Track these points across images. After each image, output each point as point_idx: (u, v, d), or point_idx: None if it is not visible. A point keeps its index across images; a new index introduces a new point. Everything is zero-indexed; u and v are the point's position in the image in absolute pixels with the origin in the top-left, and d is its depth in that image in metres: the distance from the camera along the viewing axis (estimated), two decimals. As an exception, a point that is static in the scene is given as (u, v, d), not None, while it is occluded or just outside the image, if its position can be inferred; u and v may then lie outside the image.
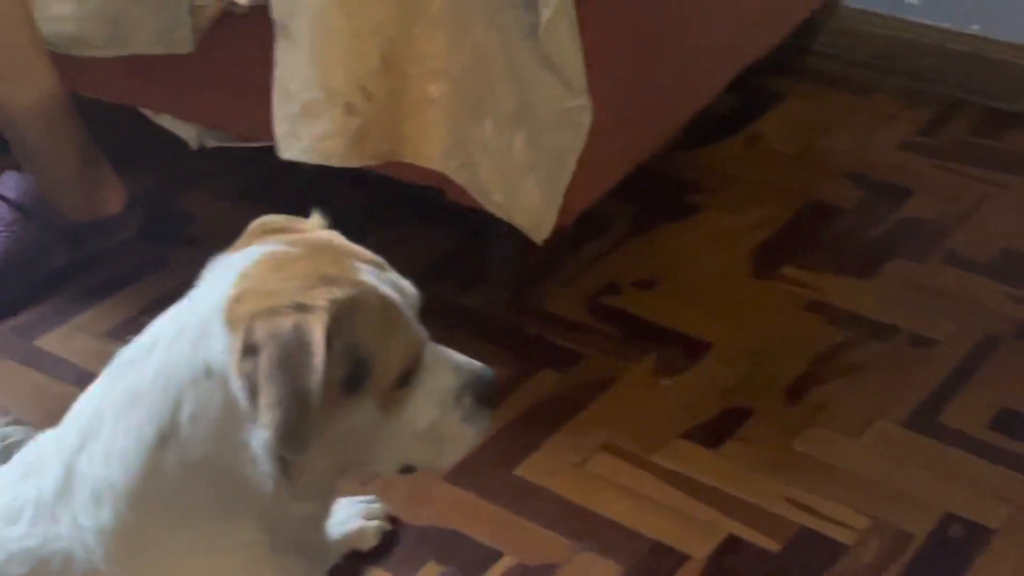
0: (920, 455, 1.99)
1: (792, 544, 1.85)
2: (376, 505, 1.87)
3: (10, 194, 2.32)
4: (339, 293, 1.34)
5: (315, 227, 1.51)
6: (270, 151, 2.15)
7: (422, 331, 1.44)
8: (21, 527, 1.41)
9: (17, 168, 2.36)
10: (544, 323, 2.27)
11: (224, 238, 1.47)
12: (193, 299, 1.42)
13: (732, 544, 1.86)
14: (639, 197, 2.52)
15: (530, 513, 1.91)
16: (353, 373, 1.35)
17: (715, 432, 2.04)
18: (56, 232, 2.35)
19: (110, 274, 2.39)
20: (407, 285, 1.46)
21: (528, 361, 2.18)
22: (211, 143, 2.44)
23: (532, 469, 1.99)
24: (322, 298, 1.33)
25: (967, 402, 2.08)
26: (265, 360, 1.30)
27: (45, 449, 1.45)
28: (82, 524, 1.39)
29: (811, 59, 2.93)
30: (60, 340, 2.25)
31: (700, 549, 1.85)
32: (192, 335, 1.37)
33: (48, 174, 2.33)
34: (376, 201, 2.47)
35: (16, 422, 2.02)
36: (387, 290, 1.40)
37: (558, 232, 2.16)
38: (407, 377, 1.41)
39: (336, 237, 1.49)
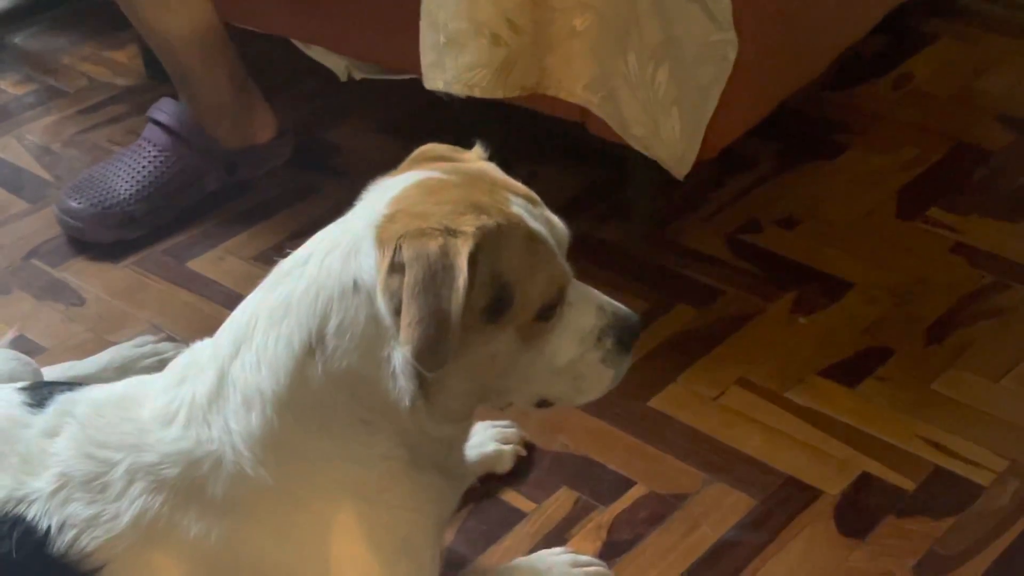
0: (1063, 400, 1.96)
1: (927, 483, 1.84)
2: (512, 430, 1.91)
3: (167, 120, 2.39)
4: (488, 221, 1.37)
5: (475, 158, 1.54)
6: (417, 84, 2.18)
7: (568, 268, 1.46)
8: (175, 429, 1.47)
9: (174, 96, 2.43)
10: (683, 258, 2.27)
11: (370, 169, 1.51)
12: (349, 217, 1.47)
13: (866, 481, 1.85)
14: (784, 136, 2.50)
15: (663, 444, 1.93)
16: (496, 301, 1.38)
17: (853, 370, 2.03)
18: (210, 158, 2.41)
19: (260, 201, 2.46)
20: (557, 222, 1.48)
21: (666, 295, 2.19)
22: (359, 75, 2.48)
23: (667, 401, 2.00)
24: (471, 224, 1.36)
25: (1114, 349, 2.03)
26: (410, 279, 1.34)
27: (201, 356, 1.51)
28: (232, 428, 1.45)
29: (966, 0, 2.87)
30: (211, 262, 2.32)
31: (833, 485, 1.85)
32: (344, 250, 1.42)
33: (203, 102, 2.39)
34: (519, 136, 2.49)
35: (168, 339, 2.10)
36: (536, 224, 1.42)
37: (700, 168, 2.16)
38: (549, 311, 1.44)
39: (493, 169, 1.51)
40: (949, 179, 2.41)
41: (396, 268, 1.35)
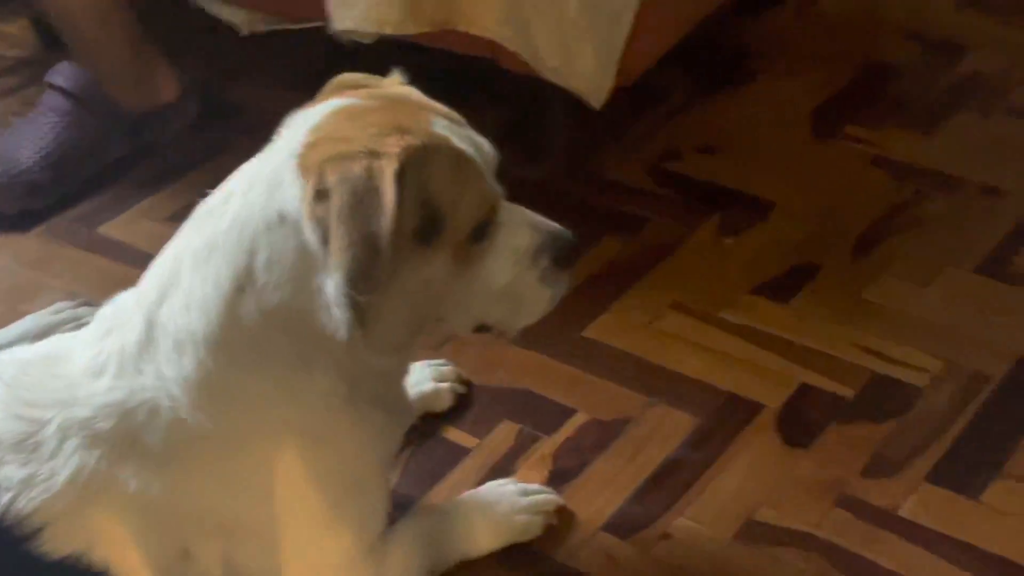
0: (992, 300, 1.97)
1: (866, 389, 1.85)
2: (448, 367, 1.88)
3: (66, 84, 2.32)
4: (412, 141, 1.33)
5: (394, 84, 1.50)
6: (320, 36, 2.14)
7: (497, 187, 1.44)
8: (105, 380, 1.42)
9: (71, 60, 2.35)
10: (606, 190, 2.25)
11: (276, 125, 1.47)
12: (268, 150, 1.42)
13: (806, 392, 1.85)
14: (696, 65, 2.49)
15: (602, 371, 1.91)
16: (426, 223, 1.35)
17: (784, 287, 2.03)
18: (113, 122, 2.35)
19: (169, 163, 2.40)
20: (483, 141, 1.45)
21: (592, 228, 2.17)
22: (262, 28, 2.42)
23: (602, 330, 1.98)
24: (395, 145, 1.32)
25: (1039, 247, 2.05)
26: (336, 203, 1.30)
27: (126, 305, 1.46)
28: (165, 374, 1.40)
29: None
30: (123, 226, 2.26)
31: (774, 398, 1.84)
32: (266, 183, 1.38)
33: (102, 65, 2.32)
34: (430, 82, 2.45)
35: (86, 304, 2.04)
36: (462, 143, 1.39)
37: (615, 100, 2.14)
38: (482, 232, 1.41)
39: (414, 92, 1.48)
40: (862, 96, 2.42)
41: (321, 195, 1.32)
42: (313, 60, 2.55)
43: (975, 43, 2.52)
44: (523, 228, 1.45)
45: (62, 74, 2.33)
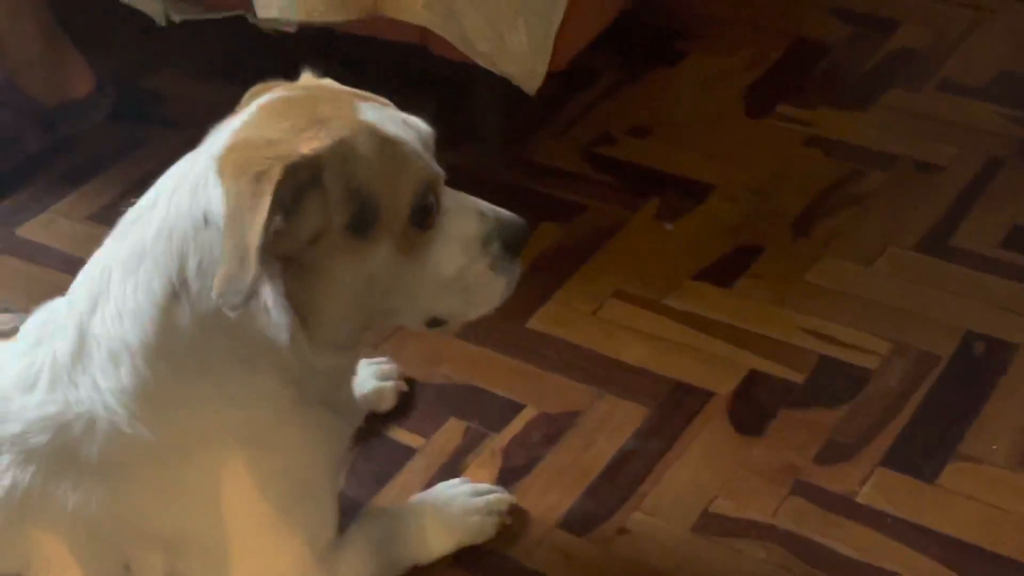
0: (935, 277, 1.96)
1: (816, 374, 1.83)
2: (390, 365, 1.82)
3: (-26, 80, 2.23)
4: (326, 138, 1.28)
5: (310, 80, 1.46)
6: (237, 24, 2.07)
7: (435, 167, 1.39)
8: (38, 394, 1.36)
9: (-21, 54, 2.26)
10: (540, 177, 2.21)
11: (198, 116, 1.42)
12: (193, 154, 1.37)
13: (755, 378, 1.83)
14: (623, 47, 2.46)
15: (547, 364, 1.87)
16: (359, 215, 1.30)
17: (726, 271, 2.00)
18: (26, 117, 2.26)
19: (87, 158, 2.31)
20: (417, 121, 1.40)
21: (528, 215, 2.07)
22: (178, 17, 2.34)
23: (545, 320, 1.94)
24: (307, 145, 1.27)
25: (977, 222, 2.05)
26: (224, 213, 1.26)
27: (55, 315, 1.40)
28: (101, 386, 1.35)
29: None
30: (42, 227, 2.17)
31: (723, 385, 1.82)
32: (191, 185, 1.33)
33: (12, 57, 2.24)
34: (355, 71, 2.38)
35: (5, 310, 1.95)
36: (389, 126, 1.34)
37: (545, 84, 2.09)
38: (423, 216, 1.36)
39: (335, 83, 1.43)
40: (793, 75, 2.40)
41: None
42: (230, 48, 2.50)
43: (904, 17, 2.51)
44: (470, 214, 1.41)
45: (-30, 69, 2.24)
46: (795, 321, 1.90)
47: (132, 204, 1.39)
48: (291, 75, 1.49)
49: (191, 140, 1.39)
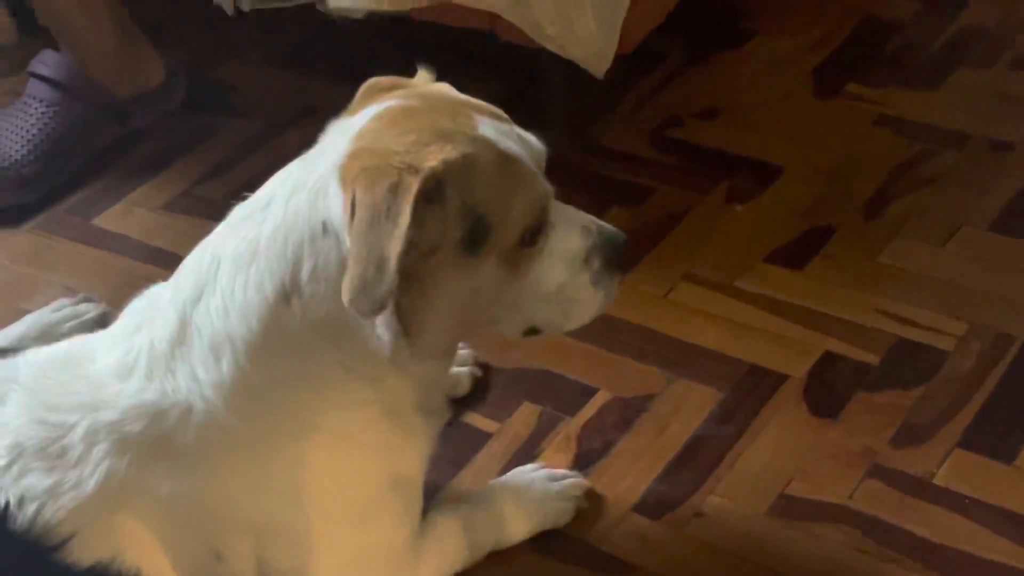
0: (1010, 257, 1.95)
1: (891, 355, 1.82)
2: (466, 351, 1.84)
3: (50, 73, 2.25)
4: (452, 152, 1.28)
5: (424, 83, 1.45)
6: (304, 12, 2.08)
7: (547, 186, 1.38)
8: (135, 381, 1.38)
9: (54, 47, 2.29)
10: (609, 161, 2.21)
11: (268, 105, 1.43)
12: (309, 158, 1.38)
13: (830, 360, 1.82)
14: (689, 28, 2.45)
15: (620, 347, 1.88)
16: (473, 232, 1.31)
17: (797, 252, 2.00)
18: (101, 109, 2.29)
19: (160, 148, 2.34)
20: (531, 138, 1.40)
21: (598, 200, 2.13)
22: (248, 6, 2.36)
23: (616, 304, 1.89)
24: (433, 158, 1.27)
25: (1052, 202, 2.03)
26: (356, 220, 1.26)
27: (158, 301, 1.41)
28: (200, 377, 1.36)
29: None
30: (118, 217, 2.20)
31: (798, 368, 1.82)
32: (311, 191, 1.33)
33: (86, 51, 2.26)
34: (422, 57, 2.40)
35: (87, 300, 1.99)
36: (508, 143, 1.34)
37: (611, 67, 2.09)
38: (533, 236, 1.36)
39: (451, 90, 1.43)
40: (861, 54, 2.39)
41: (353, 209, 1.27)
42: (298, 36, 2.52)
43: (973, -6, 2.49)
44: (575, 229, 1.41)
45: (45, 63, 2.27)
46: (868, 303, 1.90)
47: (245, 198, 1.40)
48: (357, 62, 1.48)
49: (259, 128, 1.40)
